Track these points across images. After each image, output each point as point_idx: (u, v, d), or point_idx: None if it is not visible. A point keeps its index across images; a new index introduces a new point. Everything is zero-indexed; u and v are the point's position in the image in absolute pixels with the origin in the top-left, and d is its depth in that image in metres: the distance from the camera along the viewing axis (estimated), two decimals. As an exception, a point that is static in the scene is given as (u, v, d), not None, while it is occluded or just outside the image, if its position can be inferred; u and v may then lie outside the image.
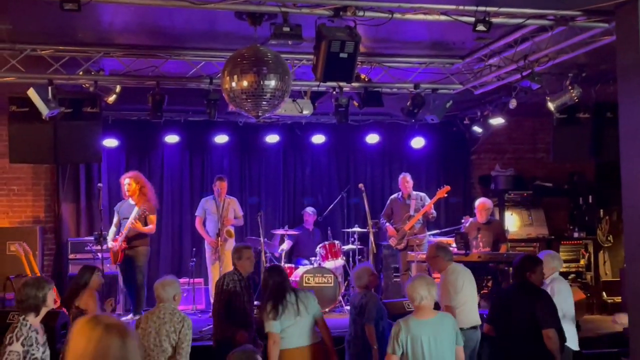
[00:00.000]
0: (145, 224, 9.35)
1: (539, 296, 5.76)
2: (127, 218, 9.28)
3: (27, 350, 4.89)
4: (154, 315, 5.87)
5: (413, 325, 5.07)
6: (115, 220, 9.59)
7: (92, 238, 9.72)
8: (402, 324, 5.09)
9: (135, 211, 9.18)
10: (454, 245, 9.34)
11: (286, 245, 10.49)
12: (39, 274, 8.83)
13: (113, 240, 9.32)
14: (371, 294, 6.51)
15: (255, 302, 7.40)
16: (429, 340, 5.01)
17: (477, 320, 6.49)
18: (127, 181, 9.41)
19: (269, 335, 5.81)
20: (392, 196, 10.48)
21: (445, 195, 10.14)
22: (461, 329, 5.50)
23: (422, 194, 10.25)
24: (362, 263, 9.39)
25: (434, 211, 10.09)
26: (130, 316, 9.06)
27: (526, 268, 5.88)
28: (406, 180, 10.21)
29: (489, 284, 9.66)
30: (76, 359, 2.35)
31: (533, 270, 5.85)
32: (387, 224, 10.22)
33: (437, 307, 5.40)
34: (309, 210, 11.24)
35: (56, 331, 6.97)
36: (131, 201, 9.38)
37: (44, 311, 5.10)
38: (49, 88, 7.74)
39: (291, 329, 5.83)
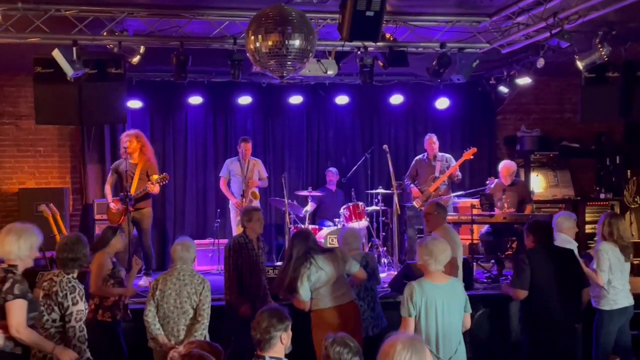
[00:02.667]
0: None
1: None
2: (126, 179, 8.90)
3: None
4: (172, 277, 5.90)
5: (428, 289, 5.00)
6: (111, 179, 9.26)
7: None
8: (415, 285, 5.02)
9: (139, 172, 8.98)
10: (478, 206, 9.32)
11: (310, 207, 10.49)
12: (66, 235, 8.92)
13: (113, 202, 9.06)
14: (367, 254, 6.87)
15: (278, 263, 7.45)
16: (443, 306, 4.99)
17: None
18: (128, 139, 8.99)
19: (299, 303, 5.81)
20: (417, 157, 10.42)
21: (472, 157, 10.06)
22: None
23: (448, 156, 10.17)
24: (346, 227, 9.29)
25: (459, 173, 10.02)
26: (143, 279, 8.86)
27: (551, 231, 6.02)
28: (432, 141, 10.13)
29: (514, 245, 9.64)
30: None
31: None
32: (412, 185, 10.18)
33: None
34: (332, 170, 11.23)
35: (86, 290, 7.07)
36: (130, 160, 9.00)
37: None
38: (74, 49, 7.72)
39: (323, 290, 5.82)
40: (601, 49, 8.26)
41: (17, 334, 4.47)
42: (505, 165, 9.63)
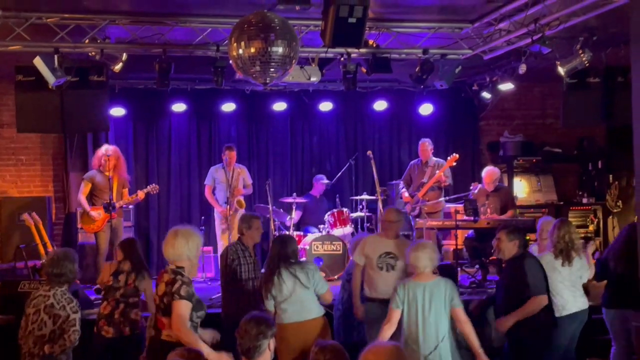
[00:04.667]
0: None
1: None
2: (103, 190, 9.07)
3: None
4: None
5: (411, 286, 5.39)
6: (86, 189, 9.19)
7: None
8: (402, 283, 5.49)
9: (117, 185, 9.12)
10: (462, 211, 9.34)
11: (295, 214, 10.47)
12: (49, 244, 8.85)
13: (92, 210, 9.08)
14: None
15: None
16: (424, 303, 5.29)
17: None
18: (109, 157, 9.03)
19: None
20: (412, 162, 10.42)
21: (454, 164, 10.09)
22: None
23: (441, 161, 10.10)
24: (361, 233, 9.40)
25: (447, 180, 9.99)
26: None
27: None
28: (424, 147, 10.12)
29: (498, 250, 9.65)
30: None
31: None
32: (404, 189, 10.19)
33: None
34: (322, 180, 11.10)
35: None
36: (106, 172, 9.02)
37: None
38: (55, 57, 7.69)
39: (284, 304, 5.63)
40: (582, 55, 8.32)
41: (178, 332, 4.60)
42: (489, 172, 9.65)
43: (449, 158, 10.03)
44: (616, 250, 6.49)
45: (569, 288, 6.13)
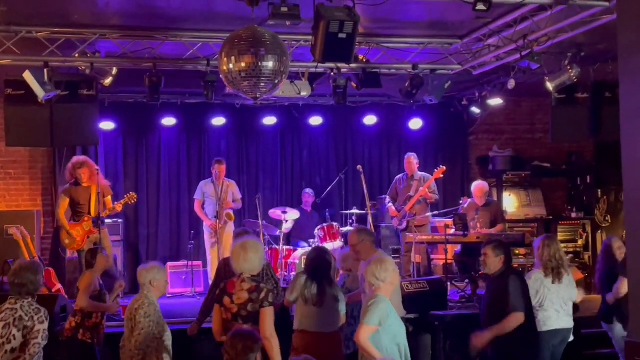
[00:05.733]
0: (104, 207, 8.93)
1: None
2: (83, 204, 8.81)
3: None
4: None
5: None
6: (64, 203, 8.90)
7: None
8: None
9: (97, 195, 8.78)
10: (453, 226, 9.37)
11: (285, 229, 10.44)
12: (37, 258, 8.79)
13: (70, 226, 8.80)
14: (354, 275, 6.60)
15: None
16: None
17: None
18: (82, 171, 8.81)
19: None
20: (398, 176, 10.47)
21: (441, 176, 10.13)
22: None
23: (427, 175, 10.18)
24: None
25: (435, 195, 10.03)
26: None
27: None
28: (409, 160, 10.19)
29: (487, 264, 9.66)
30: None
31: None
32: (390, 204, 10.21)
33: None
34: (308, 191, 11.22)
35: (55, 314, 6.98)
36: (82, 184, 8.82)
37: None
38: (45, 71, 7.67)
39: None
40: (570, 70, 8.39)
41: (271, 338, 4.79)
42: (478, 186, 9.69)
43: (436, 170, 10.07)
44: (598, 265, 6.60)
45: (556, 306, 6.15)
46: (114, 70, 8.39)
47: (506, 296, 5.71)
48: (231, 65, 6.33)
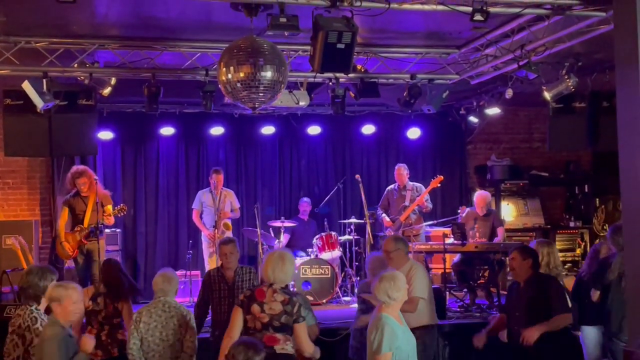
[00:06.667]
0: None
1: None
2: (79, 213, 8.85)
3: None
4: (157, 309, 5.77)
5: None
6: (64, 214, 8.99)
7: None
8: None
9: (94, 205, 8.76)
10: (450, 235, 9.37)
11: (283, 238, 10.44)
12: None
13: (67, 236, 8.83)
14: None
15: None
16: (367, 337, 5.04)
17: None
18: (83, 181, 8.85)
19: None
20: (389, 187, 10.49)
21: (439, 185, 10.14)
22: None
23: (418, 185, 10.25)
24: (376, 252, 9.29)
25: (429, 204, 10.06)
26: None
27: None
28: (400, 171, 10.21)
29: (486, 274, 9.68)
30: None
31: None
32: (384, 214, 10.22)
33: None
34: (305, 200, 11.23)
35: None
36: (82, 194, 8.88)
37: (44, 303, 5.07)
38: (44, 81, 7.70)
39: None
40: (568, 80, 8.41)
41: (315, 353, 5.02)
42: (481, 195, 9.69)
43: (433, 179, 10.08)
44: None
45: None
46: (113, 80, 8.41)
47: (550, 298, 5.71)
48: (230, 75, 6.36)
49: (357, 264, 10.41)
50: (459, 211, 10.07)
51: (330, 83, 8.84)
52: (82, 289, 5.07)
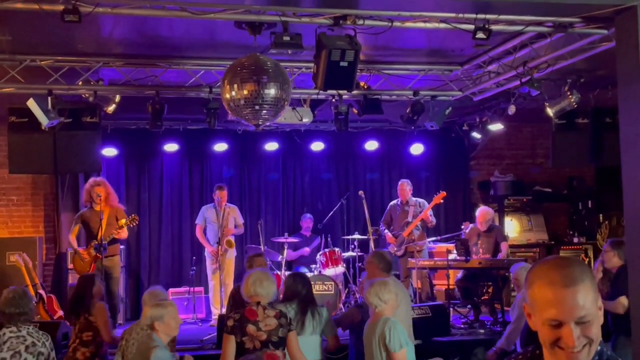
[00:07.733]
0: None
1: None
2: (94, 227, 8.87)
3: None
4: (138, 327, 5.75)
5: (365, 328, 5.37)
6: (77, 229, 9.09)
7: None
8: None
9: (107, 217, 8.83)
10: (454, 251, 9.37)
11: (286, 254, 10.44)
12: (39, 285, 8.80)
13: (81, 252, 8.89)
14: None
15: None
16: (364, 343, 5.27)
17: None
18: (98, 188, 8.92)
19: None
20: (391, 203, 10.50)
21: (442, 201, 10.14)
22: None
23: (421, 200, 10.25)
24: None
25: (433, 219, 10.07)
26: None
27: None
28: (403, 187, 10.22)
29: (490, 290, 9.66)
30: None
31: None
32: (386, 230, 10.22)
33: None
34: (307, 216, 11.22)
35: (57, 341, 6.96)
36: (95, 208, 8.91)
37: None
38: (49, 98, 7.74)
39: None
40: (570, 96, 8.43)
41: (301, 357, 5.06)
42: (482, 212, 9.69)
43: (436, 195, 10.08)
44: None
45: None
46: (117, 98, 8.45)
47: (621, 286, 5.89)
48: (234, 93, 6.39)
49: (360, 280, 10.38)
50: (462, 227, 10.06)
51: (334, 100, 8.88)
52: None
